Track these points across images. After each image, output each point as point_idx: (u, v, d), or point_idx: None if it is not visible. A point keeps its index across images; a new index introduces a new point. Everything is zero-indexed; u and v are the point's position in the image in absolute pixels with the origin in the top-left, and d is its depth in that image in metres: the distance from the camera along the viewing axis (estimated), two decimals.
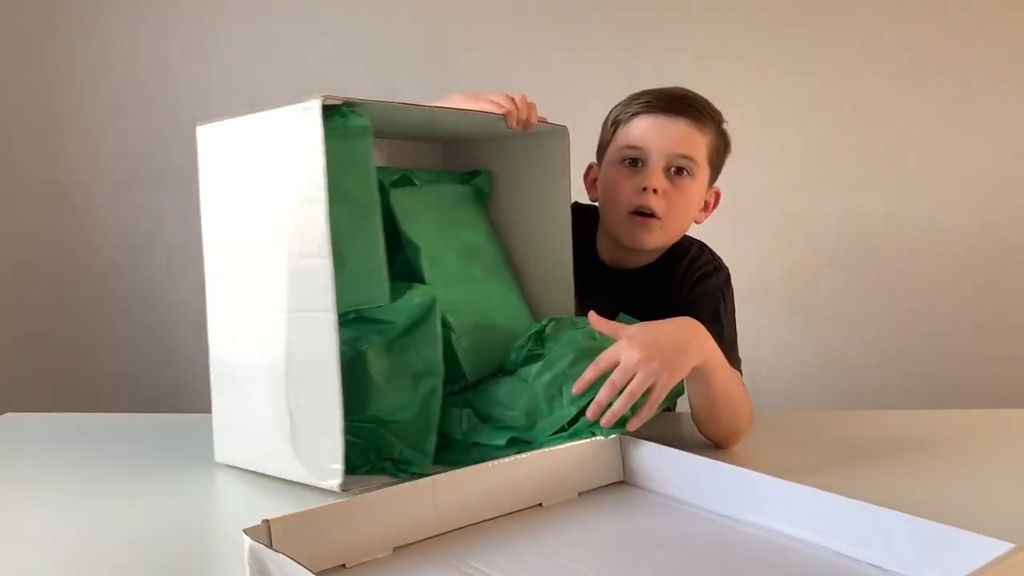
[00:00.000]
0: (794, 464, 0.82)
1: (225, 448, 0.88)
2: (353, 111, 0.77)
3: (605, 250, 1.14)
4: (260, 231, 0.82)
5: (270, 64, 1.97)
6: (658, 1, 1.98)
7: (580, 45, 1.98)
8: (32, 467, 0.89)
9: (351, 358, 0.82)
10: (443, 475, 0.67)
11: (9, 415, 1.07)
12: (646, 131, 1.06)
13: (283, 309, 0.79)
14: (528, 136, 1.01)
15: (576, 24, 2.00)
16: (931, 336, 2.05)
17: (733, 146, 1.14)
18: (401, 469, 0.80)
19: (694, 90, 1.11)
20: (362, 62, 1.98)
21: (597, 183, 1.14)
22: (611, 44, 1.97)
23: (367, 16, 1.98)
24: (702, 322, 0.88)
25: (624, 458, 0.79)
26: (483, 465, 0.70)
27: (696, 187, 1.08)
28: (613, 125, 1.11)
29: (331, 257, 0.73)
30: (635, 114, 1.08)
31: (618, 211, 1.07)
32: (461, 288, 0.95)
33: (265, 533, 0.58)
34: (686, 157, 1.05)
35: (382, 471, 0.80)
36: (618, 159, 1.08)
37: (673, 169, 1.06)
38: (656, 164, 1.05)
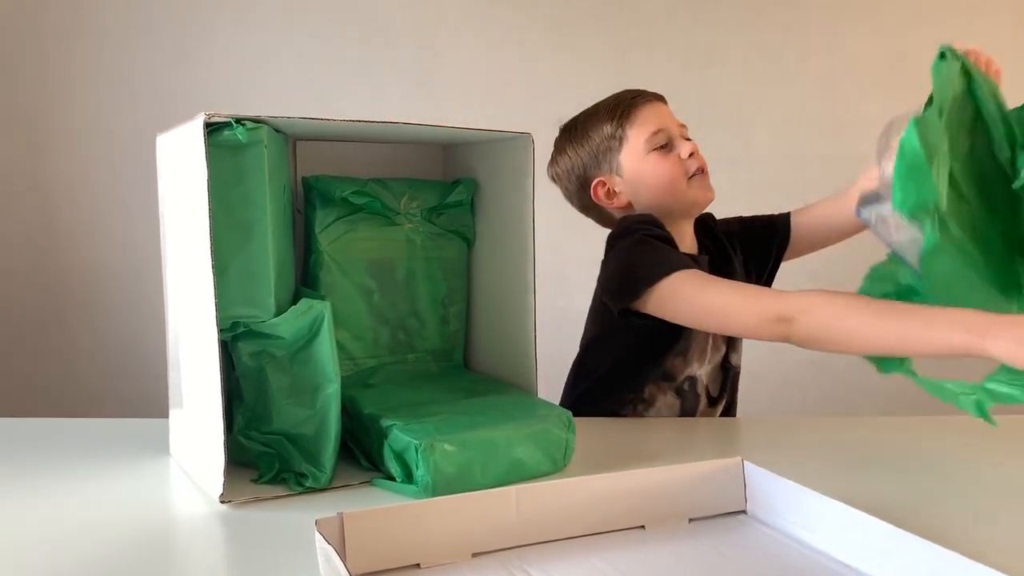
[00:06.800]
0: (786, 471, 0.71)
1: (174, 444, 0.93)
2: (243, 125, 0.77)
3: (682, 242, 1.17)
4: (179, 244, 0.86)
5: (258, 68, 1.97)
6: (645, 10, 1.99)
7: (568, 53, 1.97)
8: (15, 471, 0.88)
9: (257, 371, 0.84)
10: (527, 485, 0.65)
11: None
12: (656, 116, 1.15)
13: (191, 319, 0.83)
14: (497, 142, 0.98)
15: (564, 32, 1.99)
16: None
17: (718, 154, 1.23)
18: (299, 483, 0.80)
19: (681, 96, 1.24)
20: (348, 65, 1.98)
21: (617, 190, 1.17)
22: (598, 52, 1.98)
23: (354, 20, 1.97)
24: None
25: (747, 486, 0.71)
26: (576, 479, 0.67)
27: None
28: (611, 136, 1.15)
29: (213, 268, 0.74)
30: (633, 110, 1.15)
31: (678, 185, 1.15)
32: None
33: (338, 525, 0.59)
34: (683, 126, 1.18)
35: (283, 482, 0.81)
36: (650, 149, 1.14)
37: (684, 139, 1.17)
38: (679, 138, 1.16)
